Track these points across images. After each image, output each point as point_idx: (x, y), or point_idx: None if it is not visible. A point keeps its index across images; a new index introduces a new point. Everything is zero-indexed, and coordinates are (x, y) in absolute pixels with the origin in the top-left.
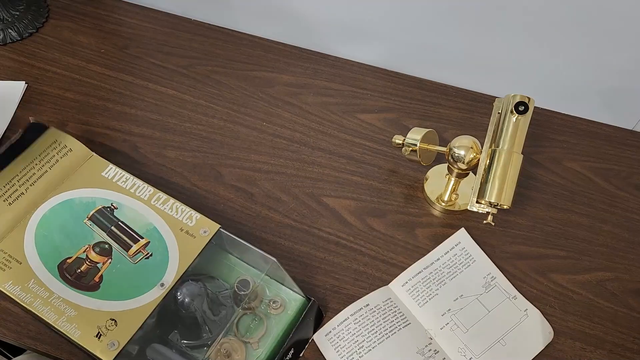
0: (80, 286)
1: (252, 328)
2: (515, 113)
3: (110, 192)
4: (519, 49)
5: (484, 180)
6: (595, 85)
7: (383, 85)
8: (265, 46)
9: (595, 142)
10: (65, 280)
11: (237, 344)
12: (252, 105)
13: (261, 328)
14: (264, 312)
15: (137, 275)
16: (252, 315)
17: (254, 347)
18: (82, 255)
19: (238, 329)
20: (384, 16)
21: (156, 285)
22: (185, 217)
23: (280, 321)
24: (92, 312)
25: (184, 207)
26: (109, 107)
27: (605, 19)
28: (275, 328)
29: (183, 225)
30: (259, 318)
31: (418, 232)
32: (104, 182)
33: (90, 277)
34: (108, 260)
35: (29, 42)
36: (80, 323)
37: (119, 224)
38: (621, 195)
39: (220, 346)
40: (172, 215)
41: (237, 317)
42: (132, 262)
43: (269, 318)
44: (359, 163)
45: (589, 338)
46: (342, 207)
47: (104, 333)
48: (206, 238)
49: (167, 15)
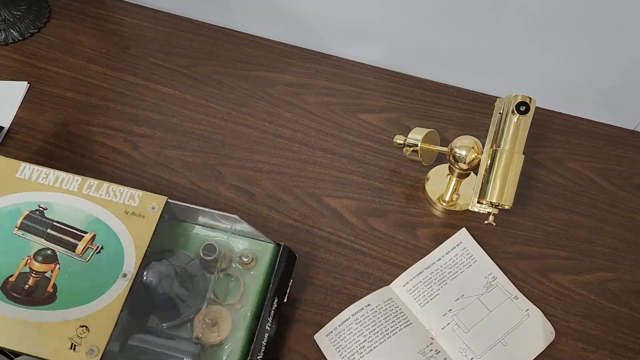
0: (33, 302)
1: (230, 290)
2: (516, 113)
3: (33, 193)
4: (520, 49)
5: (485, 181)
6: (596, 85)
7: (384, 85)
8: (266, 46)
9: (597, 142)
10: (15, 300)
11: (220, 310)
12: (253, 105)
13: (239, 287)
14: (238, 271)
15: (94, 273)
16: (227, 277)
17: (237, 307)
18: (25, 270)
19: (216, 295)
20: (385, 16)
21: (118, 277)
22: (127, 198)
23: (257, 275)
24: (56, 325)
25: (121, 187)
26: (110, 107)
27: (606, 18)
28: (253, 283)
29: (127, 208)
30: (235, 278)
31: (419, 232)
32: (21, 184)
33: (41, 290)
34: (56, 267)
35: (31, 42)
36: (48, 341)
37: (54, 225)
38: (622, 195)
39: (204, 317)
40: (112, 200)
41: (212, 284)
42: (83, 261)
43: (244, 275)
44: (360, 163)
45: (590, 338)
46: (343, 207)
47: (78, 342)
48: (156, 214)
49: (168, 16)
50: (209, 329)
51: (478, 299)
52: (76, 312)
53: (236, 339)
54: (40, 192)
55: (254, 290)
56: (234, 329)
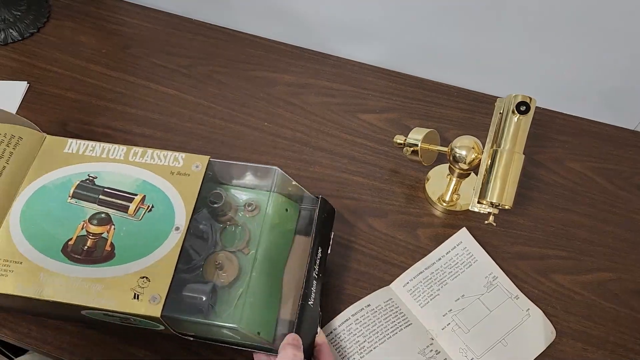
0: (94, 261)
1: (237, 236)
2: (516, 113)
3: (81, 165)
4: (520, 49)
5: (485, 181)
6: (596, 85)
7: (384, 85)
8: (266, 46)
9: (597, 142)
10: (76, 260)
11: (227, 255)
12: (253, 105)
13: (245, 234)
14: (243, 219)
15: (148, 229)
16: (232, 226)
17: (245, 252)
18: (82, 233)
19: (223, 243)
20: (385, 16)
21: (171, 231)
22: (171, 161)
23: (261, 221)
24: (119, 279)
25: (165, 152)
26: (110, 107)
27: (606, 18)
28: (257, 229)
29: (172, 169)
30: (240, 225)
31: (419, 232)
32: (70, 157)
33: (100, 249)
34: (111, 227)
35: (31, 42)
36: (111, 293)
37: (105, 191)
38: (623, 195)
39: (212, 261)
40: (157, 163)
41: (219, 232)
42: (136, 220)
43: (249, 222)
44: (360, 163)
45: (590, 338)
46: (343, 207)
47: (141, 292)
48: (201, 172)
49: (169, 15)
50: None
51: (478, 299)
52: (135, 266)
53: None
54: (89, 163)
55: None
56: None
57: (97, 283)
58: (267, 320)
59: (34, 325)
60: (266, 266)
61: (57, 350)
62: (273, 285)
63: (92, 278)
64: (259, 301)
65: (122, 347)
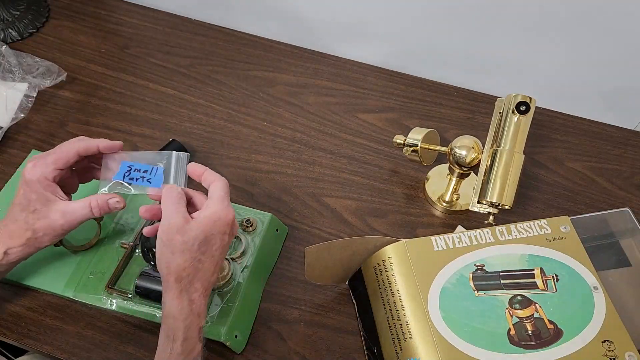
0: (545, 343)
1: (233, 247)
2: (516, 113)
3: (458, 260)
4: (520, 49)
5: (485, 181)
6: (597, 85)
7: (384, 85)
8: (265, 46)
9: (597, 142)
10: (531, 347)
11: (224, 263)
12: (252, 105)
13: (240, 246)
14: (240, 233)
15: (570, 297)
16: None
17: (237, 262)
18: (514, 320)
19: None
20: (384, 16)
21: (591, 291)
22: (537, 229)
23: (256, 237)
24: (583, 350)
25: (526, 223)
26: (109, 107)
27: (606, 18)
28: (251, 243)
29: (546, 236)
30: (237, 238)
31: (419, 232)
32: (444, 256)
33: (544, 329)
34: (536, 306)
35: (30, 41)
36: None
37: (502, 275)
38: (623, 195)
39: None
40: (527, 236)
41: None
42: (552, 292)
43: (246, 236)
44: (360, 163)
45: None
46: (343, 207)
47: (613, 355)
48: (572, 232)
49: (168, 15)
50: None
51: None
52: (579, 335)
53: None
54: (463, 255)
55: (252, 249)
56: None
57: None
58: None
59: (33, 325)
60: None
61: (57, 351)
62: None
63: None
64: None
65: (122, 348)
